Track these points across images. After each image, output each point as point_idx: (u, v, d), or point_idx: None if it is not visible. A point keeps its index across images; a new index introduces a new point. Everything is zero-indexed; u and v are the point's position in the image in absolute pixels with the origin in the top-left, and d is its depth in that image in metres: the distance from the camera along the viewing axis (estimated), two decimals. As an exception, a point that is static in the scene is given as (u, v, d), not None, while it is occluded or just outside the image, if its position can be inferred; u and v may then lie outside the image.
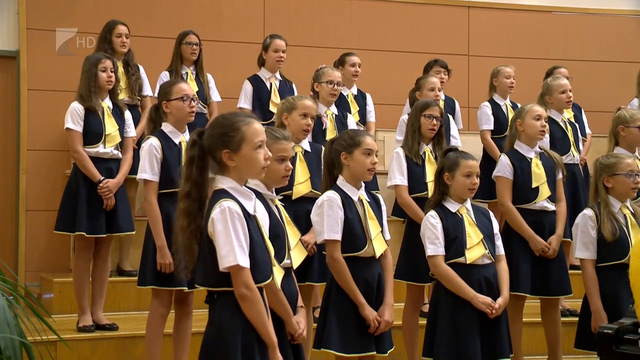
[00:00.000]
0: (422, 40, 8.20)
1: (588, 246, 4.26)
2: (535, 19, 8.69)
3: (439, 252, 4.03)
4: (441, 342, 3.99)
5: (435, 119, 4.88)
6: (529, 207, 4.94)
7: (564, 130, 6.00)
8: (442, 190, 4.16)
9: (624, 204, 4.32)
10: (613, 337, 3.08)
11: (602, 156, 4.51)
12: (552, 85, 6.12)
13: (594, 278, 4.22)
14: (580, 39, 8.69)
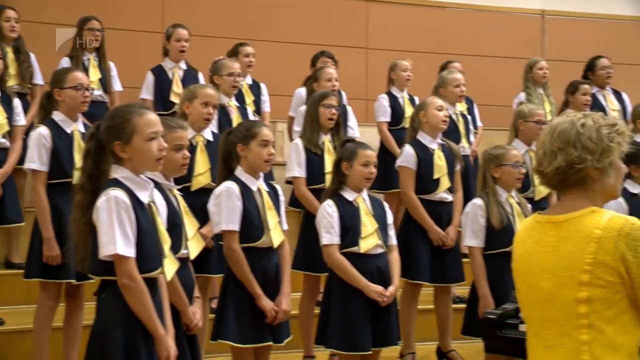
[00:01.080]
0: (320, 32, 8.30)
1: (477, 234, 4.39)
2: (431, 15, 8.92)
3: (333, 241, 4.10)
4: (333, 330, 4.07)
5: (333, 109, 4.95)
6: (429, 198, 5.09)
7: (456, 122, 6.19)
8: (340, 179, 4.21)
9: (510, 194, 4.47)
10: (496, 322, 3.21)
11: (490, 147, 4.65)
12: (446, 79, 6.31)
13: (482, 265, 4.36)
14: (474, 34, 8.99)
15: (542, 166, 2.38)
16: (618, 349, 2.25)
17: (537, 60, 7.20)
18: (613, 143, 2.34)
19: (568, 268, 2.28)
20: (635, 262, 2.21)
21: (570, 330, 2.28)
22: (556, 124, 2.39)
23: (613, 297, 2.24)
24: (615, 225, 2.24)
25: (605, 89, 7.27)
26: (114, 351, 2.84)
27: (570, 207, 2.35)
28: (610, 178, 2.36)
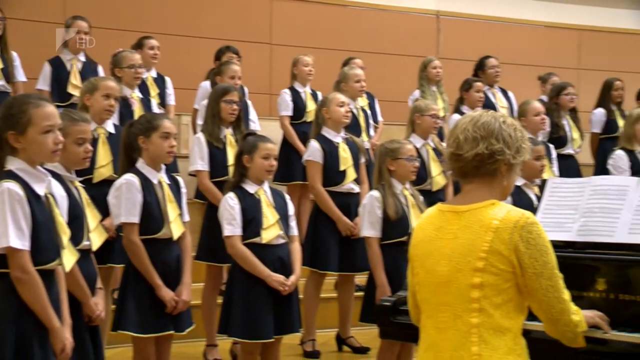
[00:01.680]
0: (225, 27, 8.25)
1: (374, 225, 4.42)
2: (333, 12, 8.99)
3: (235, 233, 4.08)
4: (236, 319, 4.05)
5: (235, 104, 4.94)
6: (336, 190, 5.13)
7: (357, 117, 6.26)
8: (241, 172, 4.20)
9: (404, 186, 4.54)
10: (391, 309, 3.26)
11: (386, 141, 4.72)
12: (347, 74, 6.39)
13: (378, 255, 4.40)
14: (374, 32, 9.10)
15: (462, 150, 2.42)
16: (504, 332, 2.32)
17: (431, 59, 7.33)
18: (525, 145, 2.45)
19: (465, 255, 2.34)
20: (526, 254, 2.30)
21: (462, 314, 2.34)
22: (478, 115, 2.46)
23: (503, 285, 2.32)
24: (512, 218, 2.32)
25: (494, 87, 7.47)
26: (5, 347, 2.75)
27: (472, 199, 2.42)
28: (515, 176, 2.47)
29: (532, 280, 2.31)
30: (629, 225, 2.95)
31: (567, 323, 2.36)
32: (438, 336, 2.40)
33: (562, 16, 10.06)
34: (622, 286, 2.82)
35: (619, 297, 2.81)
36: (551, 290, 2.32)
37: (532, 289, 2.32)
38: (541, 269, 2.30)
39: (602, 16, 10.24)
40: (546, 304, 2.33)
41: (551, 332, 2.40)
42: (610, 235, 2.97)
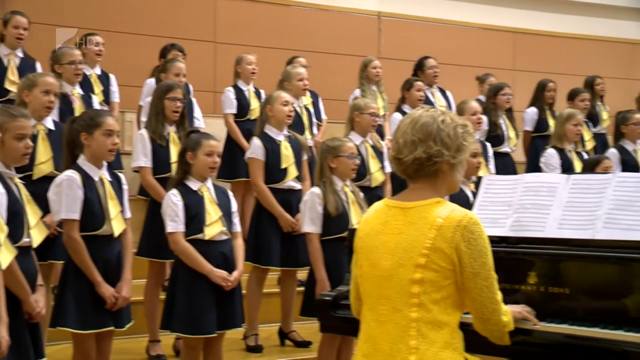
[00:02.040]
0: (169, 25, 8.16)
1: (315, 221, 4.42)
2: (277, 12, 8.96)
3: (178, 229, 4.04)
4: (178, 314, 4.01)
5: (178, 102, 4.88)
6: (278, 187, 5.11)
7: (300, 115, 6.26)
8: (185, 169, 4.15)
9: (345, 183, 4.54)
10: (331, 303, 3.26)
11: (327, 139, 4.73)
12: (290, 73, 6.38)
13: (319, 250, 4.41)
14: (317, 32, 9.11)
15: (402, 154, 2.44)
16: (442, 326, 2.34)
17: (371, 59, 7.36)
18: (466, 142, 2.45)
19: (409, 250, 2.36)
20: (467, 253, 2.32)
21: (402, 308, 2.35)
22: (418, 116, 2.45)
23: (443, 282, 2.34)
24: (455, 217, 2.34)
25: (433, 87, 7.54)
26: None
27: (418, 196, 2.43)
28: (459, 174, 2.48)
29: (469, 280, 2.34)
30: (558, 221, 3.00)
31: (496, 323, 2.40)
32: (378, 328, 2.41)
33: (498, 19, 10.22)
34: (551, 279, 2.87)
35: (548, 289, 2.86)
36: (485, 291, 2.35)
37: (468, 288, 2.35)
38: (479, 269, 2.33)
39: (536, 20, 10.44)
40: (479, 303, 2.37)
41: (480, 330, 2.44)
42: (541, 231, 3.02)
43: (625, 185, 2.90)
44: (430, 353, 2.32)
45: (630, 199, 2.85)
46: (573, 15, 10.65)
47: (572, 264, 2.85)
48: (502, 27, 10.21)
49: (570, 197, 3.02)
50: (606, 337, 2.60)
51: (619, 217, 2.85)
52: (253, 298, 5.07)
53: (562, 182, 3.08)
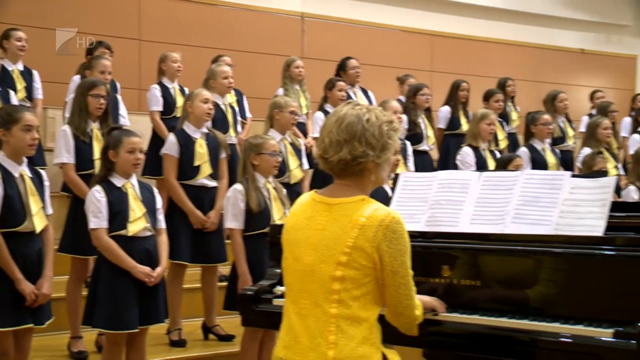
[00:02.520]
0: (95, 22, 7.97)
1: (237, 217, 4.40)
2: (202, 11, 8.86)
3: (101, 225, 3.95)
4: (100, 310, 3.93)
5: (102, 99, 4.77)
6: (190, 183, 5.04)
7: (224, 112, 6.20)
8: (108, 166, 4.07)
9: (267, 180, 4.53)
10: (253, 297, 3.24)
11: (250, 137, 4.70)
12: (215, 71, 6.30)
13: (241, 245, 4.38)
14: (242, 32, 9.05)
15: (327, 154, 2.41)
16: (360, 322, 2.34)
17: (294, 59, 7.35)
18: (391, 140, 2.43)
19: (331, 248, 2.34)
20: (388, 252, 2.32)
21: (323, 303, 2.34)
22: (343, 115, 2.41)
23: (364, 280, 2.34)
24: (378, 216, 2.32)
25: (355, 86, 7.58)
26: None
27: (343, 193, 2.41)
28: (384, 171, 2.47)
29: (388, 277, 2.34)
30: (470, 216, 3.05)
31: (409, 316, 2.43)
32: (299, 322, 2.40)
33: (417, 22, 10.35)
34: (464, 272, 2.91)
35: (461, 282, 2.91)
36: (403, 288, 2.37)
37: (386, 284, 2.36)
38: (398, 268, 2.34)
39: (452, 23, 10.63)
40: (396, 299, 2.38)
41: (392, 321, 2.46)
42: (454, 225, 3.06)
43: (531, 182, 2.97)
44: (349, 348, 2.32)
45: (536, 195, 2.92)
46: (487, 20, 10.89)
47: (483, 257, 2.89)
48: (421, 30, 10.35)
49: (482, 193, 3.07)
50: (513, 326, 2.66)
51: (526, 212, 2.91)
52: (173, 293, 4.99)
53: (474, 179, 3.13)
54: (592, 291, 2.63)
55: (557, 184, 2.90)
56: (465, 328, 2.75)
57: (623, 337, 2.39)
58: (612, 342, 2.41)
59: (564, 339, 2.52)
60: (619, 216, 3.24)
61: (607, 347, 2.41)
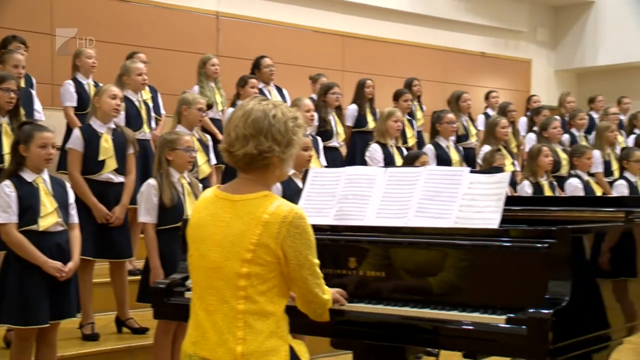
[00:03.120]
0: (7, 16, 7.68)
1: (150, 211, 4.32)
2: (117, 7, 8.64)
3: (11, 220, 3.82)
4: (9, 305, 3.80)
5: (12, 92, 4.60)
6: (95, 178, 4.92)
7: (138, 109, 6.08)
8: (18, 161, 3.93)
9: (182, 175, 4.47)
10: (165, 290, 3.18)
11: (165, 133, 4.63)
12: (130, 68, 6.17)
13: (154, 239, 4.31)
14: (158, 29, 8.88)
15: (233, 148, 2.36)
16: (267, 316, 2.32)
17: (210, 57, 7.29)
18: (296, 136, 2.40)
19: (235, 245, 2.30)
20: (292, 247, 2.30)
21: (230, 299, 2.31)
22: (250, 110, 2.36)
23: (269, 275, 2.31)
24: (281, 213, 2.30)
25: (270, 85, 7.56)
26: None
27: (247, 189, 2.36)
28: (288, 166, 2.44)
29: (294, 271, 2.33)
30: (376, 210, 3.07)
31: (319, 302, 2.43)
32: (207, 318, 2.36)
33: (329, 23, 10.40)
34: (370, 264, 2.93)
35: (367, 273, 2.93)
36: (310, 279, 2.37)
37: (293, 278, 2.35)
38: (303, 261, 2.33)
39: (363, 25, 10.72)
40: (305, 289, 2.38)
41: (303, 309, 2.46)
42: (361, 219, 3.08)
43: (433, 178, 3.02)
44: (257, 343, 2.30)
45: (437, 190, 2.97)
46: (396, 23, 11.04)
47: (388, 249, 2.92)
48: (333, 31, 10.40)
49: (387, 188, 3.10)
50: (416, 315, 2.70)
51: (428, 206, 2.96)
52: (83, 287, 4.85)
53: (380, 175, 3.15)
54: (488, 280, 2.69)
55: (456, 179, 2.95)
56: (371, 317, 2.77)
57: (515, 323, 2.46)
58: (506, 328, 2.48)
59: (464, 327, 2.57)
60: (513, 209, 3.34)
61: (502, 333, 2.48)
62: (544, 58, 12.88)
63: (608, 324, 2.77)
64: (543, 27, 12.85)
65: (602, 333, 2.74)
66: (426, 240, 2.84)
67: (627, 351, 5.71)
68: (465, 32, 11.74)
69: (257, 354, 2.29)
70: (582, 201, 4.03)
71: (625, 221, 2.98)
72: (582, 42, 12.73)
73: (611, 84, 12.45)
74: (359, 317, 2.78)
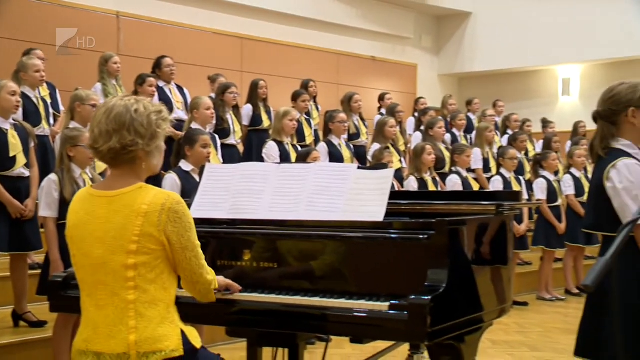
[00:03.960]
0: None
1: (51, 206, 4.20)
2: (16, 4, 8.26)
3: None
4: None
5: None
6: (7, 174, 4.71)
7: (36, 105, 5.84)
8: None
9: (84, 171, 4.34)
10: (61, 284, 3.07)
11: (67, 129, 4.49)
12: (26, 64, 5.92)
13: (54, 233, 4.18)
14: (58, 27, 8.54)
15: (98, 144, 2.30)
16: (157, 303, 2.29)
17: (112, 55, 7.12)
18: (160, 129, 2.36)
19: (118, 238, 2.25)
20: (174, 232, 2.27)
21: (119, 292, 2.26)
22: (112, 106, 2.31)
23: (155, 262, 2.28)
24: (159, 201, 2.27)
25: (171, 83, 7.42)
26: None
27: (120, 184, 2.32)
28: (155, 159, 2.39)
29: (178, 254, 2.32)
30: (269, 204, 3.07)
31: (204, 283, 2.42)
32: (97, 313, 2.30)
33: (228, 26, 10.30)
34: (262, 255, 2.92)
35: (260, 264, 2.91)
36: (194, 260, 2.35)
37: (178, 260, 2.33)
38: (186, 243, 2.31)
39: (261, 29, 10.68)
40: (189, 271, 2.36)
41: (189, 290, 2.44)
42: (254, 213, 3.07)
43: (323, 173, 3.03)
44: (149, 330, 2.26)
45: (326, 185, 2.98)
46: (293, 27, 11.07)
47: (280, 242, 2.91)
48: (232, 33, 10.31)
49: (279, 183, 3.09)
50: (306, 303, 2.70)
51: (318, 200, 2.97)
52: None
53: (273, 171, 3.15)
54: (373, 270, 2.73)
55: (344, 175, 2.98)
56: (264, 306, 2.76)
57: (397, 309, 2.51)
58: (389, 314, 2.52)
59: (350, 314, 2.60)
60: (400, 203, 3.41)
61: (385, 319, 2.52)
62: (428, 63, 13.24)
63: (482, 308, 2.86)
64: (427, 35, 13.20)
65: (476, 316, 2.83)
66: (316, 232, 2.86)
67: (498, 332, 5.96)
68: (357, 37, 11.91)
69: (150, 340, 2.25)
70: (460, 196, 4.15)
71: (497, 214, 3.09)
72: (462, 50, 13.17)
73: (488, 88, 12.95)
74: (252, 306, 2.77)
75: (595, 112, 2.80)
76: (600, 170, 2.72)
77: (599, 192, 2.69)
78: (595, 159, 2.78)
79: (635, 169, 2.60)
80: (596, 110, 2.79)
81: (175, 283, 2.38)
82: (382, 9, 12.06)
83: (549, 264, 7.74)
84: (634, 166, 2.61)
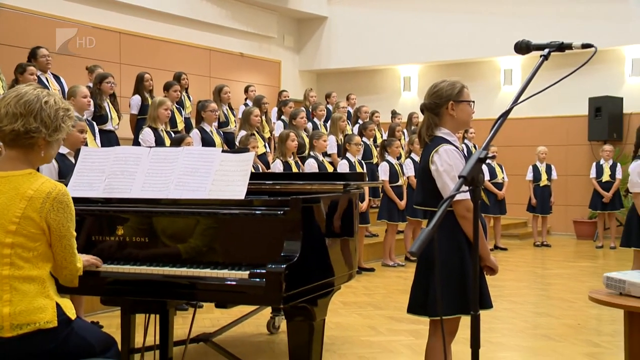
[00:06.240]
0: None
1: None
2: None
3: None
4: None
5: None
6: None
7: None
8: None
9: None
10: None
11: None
12: None
13: None
14: None
15: (2, 123, 2.20)
16: (33, 279, 2.21)
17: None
18: (64, 124, 2.28)
19: (0, 218, 2.16)
20: (55, 220, 2.21)
21: None
22: (24, 92, 2.22)
23: (33, 244, 2.20)
24: (45, 189, 2.20)
25: (47, 72, 6.99)
26: None
27: (11, 167, 2.22)
28: (53, 150, 2.32)
29: (56, 240, 2.25)
30: (141, 184, 2.98)
31: (72, 269, 2.35)
32: None
33: (108, 21, 9.82)
34: (134, 230, 2.84)
35: (133, 239, 2.83)
36: (68, 248, 2.29)
37: (54, 246, 2.26)
38: (65, 233, 2.25)
39: (139, 24, 10.27)
40: (62, 257, 2.29)
41: (57, 275, 2.36)
42: (127, 192, 2.97)
43: (191, 156, 2.98)
44: (24, 303, 2.18)
45: (194, 167, 2.94)
46: (168, 24, 10.72)
47: (150, 218, 2.84)
48: (111, 28, 9.84)
49: (151, 165, 3.01)
50: (175, 273, 2.66)
51: (187, 181, 2.92)
52: None
53: (145, 154, 3.06)
54: (236, 242, 2.72)
55: (210, 158, 2.94)
56: (135, 276, 2.69)
57: (256, 277, 2.52)
58: (249, 281, 2.53)
59: (214, 282, 2.58)
60: (263, 183, 3.41)
61: (245, 285, 2.53)
62: (290, 60, 13.30)
63: (332, 273, 2.93)
64: (289, 35, 13.26)
65: (327, 281, 2.90)
66: (184, 210, 2.81)
67: (348, 294, 6.15)
68: (227, 35, 11.74)
69: (24, 312, 2.18)
70: (315, 177, 4.22)
71: (344, 192, 3.16)
72: (319, 49, 13.34)
73: (342, 83, 13.22)
74: (125, 277, 2.69)
75: (422, 104, 2.92)
76: (426, 154, 2.84)
77: (425, 173, 2.81)
78: (422, 144, 2.90)
79: (453, 154, 2.74)
80: (423, 103, 2.92)
81: (50, 263, 2.29)
82: (250, 10, 11.98)
83: (392, 235, 8.06)
84: (452, 152, 2.75)
